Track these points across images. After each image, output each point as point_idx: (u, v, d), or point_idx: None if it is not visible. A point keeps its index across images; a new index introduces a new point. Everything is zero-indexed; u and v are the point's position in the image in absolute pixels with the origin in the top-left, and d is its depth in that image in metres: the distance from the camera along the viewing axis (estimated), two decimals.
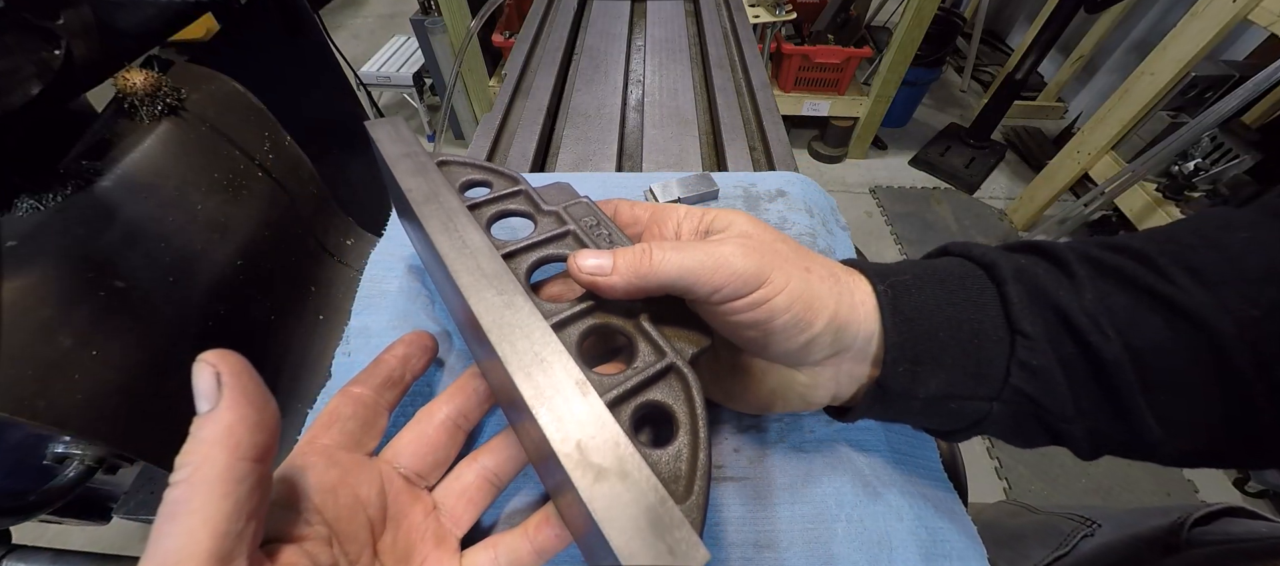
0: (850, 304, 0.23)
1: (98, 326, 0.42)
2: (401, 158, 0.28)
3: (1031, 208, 1.95)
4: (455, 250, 0.23)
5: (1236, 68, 1.59)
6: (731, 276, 0.21)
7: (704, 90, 0.75)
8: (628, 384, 0.21)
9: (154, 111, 0.48)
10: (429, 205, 0.25)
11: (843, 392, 0.25)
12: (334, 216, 0.67)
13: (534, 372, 0.19)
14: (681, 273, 0.21)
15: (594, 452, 0.18)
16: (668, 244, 0.22)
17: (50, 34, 0.39)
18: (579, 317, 0.23)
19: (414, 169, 0.27)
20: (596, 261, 0.22)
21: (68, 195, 0.42)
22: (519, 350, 0.20)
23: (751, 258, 0.21)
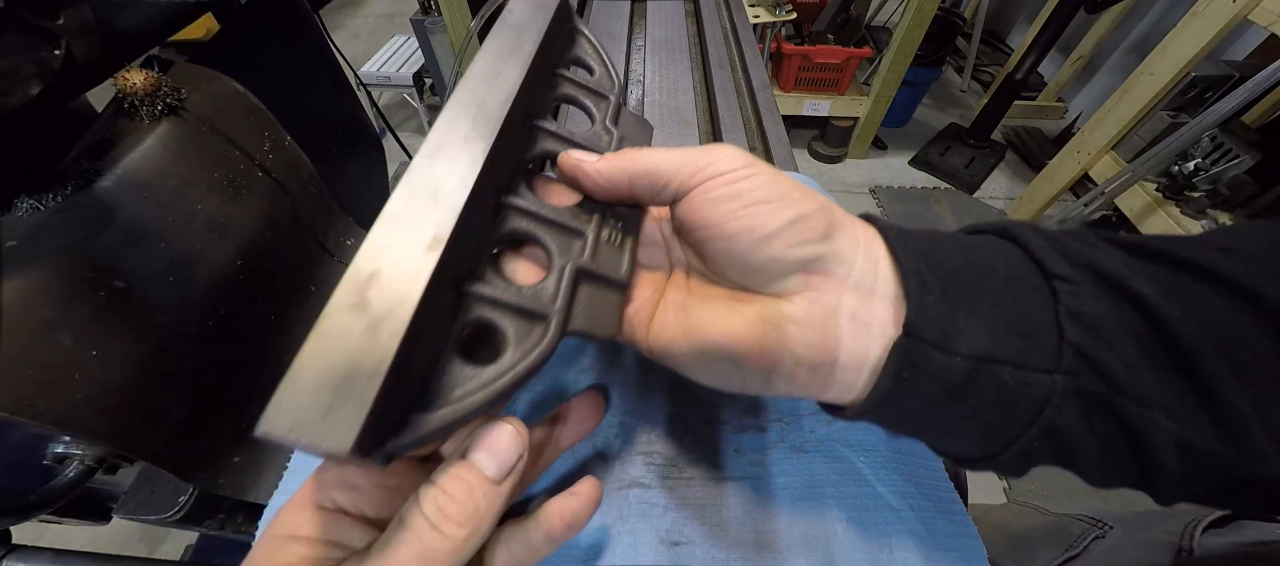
0: (838, 216, 0.20)
1: (98, 326, 0.42)
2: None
3: (1031, 208, 1.95)
4: (480, 76, 0.22)
5: (1236, 68, 1.59)
6: (716, 161, 0.20)
7: (704, 90, 0.75)
8: (490, 290, 0.19)
9: (154, 111, 0.48)
10: (508, 32, 0.24)
11: (848, 351, 0.19)
12: (334, 216, 0.67)
13: (418, 198, 0.17)
14: (668, 164, 0.21)
15: (378, 290, 0.15)
16: (656, 148, 0.22)
17: (50, 34, 0.39)
18: (519, 212, 0.22)
19: (534, 4, 0.26)
20: (579, 156, 0.22)
21: (68, 195, 0.42)
22: (426, 173, 0.18)
23: (739, 155, 0.21)
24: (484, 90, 0.21)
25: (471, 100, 0.20)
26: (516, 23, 0.24)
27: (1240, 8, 1.26)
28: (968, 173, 2.20)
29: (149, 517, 0.51)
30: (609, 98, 0.27)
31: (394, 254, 0.16)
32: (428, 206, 0.17)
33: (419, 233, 0.17)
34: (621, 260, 0.23)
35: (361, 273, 0.15)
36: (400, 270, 0.16)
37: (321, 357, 0.14)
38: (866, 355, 0.19)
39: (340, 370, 0.14)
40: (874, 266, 0.19)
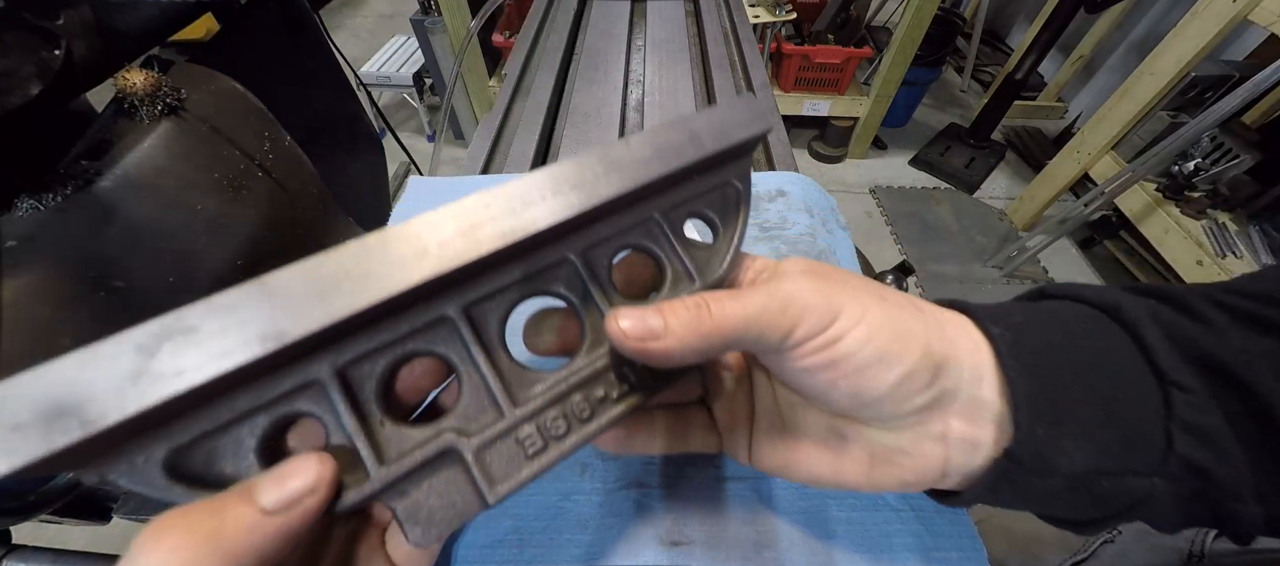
0: (945, 337, 0.19)
1: (97, 326, 0.42)
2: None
3: (1031, 208, 1.95)
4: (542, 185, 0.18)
5: (1236, 68, 1.59)
6: (802, 313, 0.18)
7: (704, 90, 0.75)
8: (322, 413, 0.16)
9: (154, 111, 0.48)
10: (667, 138, 0.20)
11: (955, 467, 0.19)
12: (334, 216, 0.67)
13: (313, 284, 0.15)
14: (747, 321, 0.18)
15: (171, 354, 0.13)
16: (722, 293, 0.19)
17: (50, 34, 0.39)
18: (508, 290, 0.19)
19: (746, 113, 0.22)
20: (639, 322, 0.18)
21: (68, 195, 0.42)
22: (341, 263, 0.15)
23: (820, 290, 0.18)
24: (520, 202, 0.17)
25: (500, 208, 0.17)
26: (681, 136, 0.20)
27: (1240, 8, 1.26)
28: (968, 172, 2.20)
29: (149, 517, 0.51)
30: (695, 281, 0.22)
31: (229, 336, 0.13)
32: (311, 300, 0.14)
33: (255, 327, 0.14)
34: (536, 459, 0.19)
35: (186, 317, 0.13)
36: (208, 354, 0.13)
37: (66, 370, 0.12)
38: (969, 466, 0.19)
39: (62, 398, 0.12)
40: (979, 383, 0.18)
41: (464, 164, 0.62)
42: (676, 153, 0.20)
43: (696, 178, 0.22)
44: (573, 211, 0.18)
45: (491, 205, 0.17)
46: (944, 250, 1.95)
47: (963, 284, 1.83)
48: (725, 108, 0.21)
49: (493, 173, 0.61)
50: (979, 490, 0.19)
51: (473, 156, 0.63)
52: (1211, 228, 1.48)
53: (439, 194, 0.52)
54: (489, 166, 0.62)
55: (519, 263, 0.19)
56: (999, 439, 0.18)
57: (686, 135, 0.20)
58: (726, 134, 0.21)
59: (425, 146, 2.33)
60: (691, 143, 0.20)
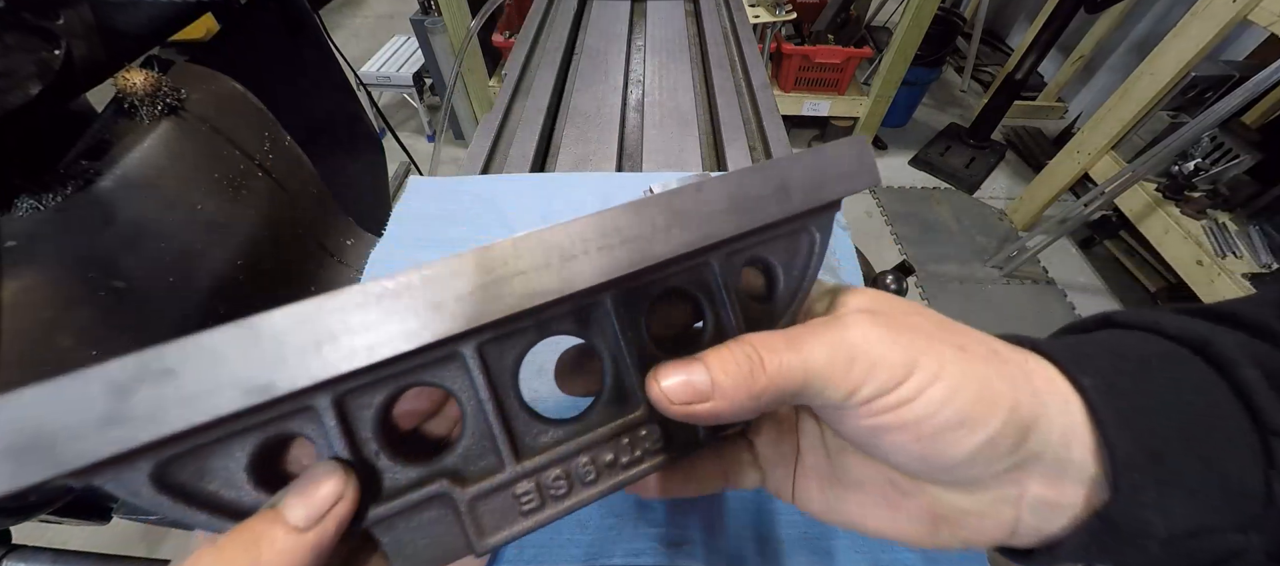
0: (1031, 392, 0.16)
1: (98, 326, 0.42)
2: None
3: (1031, 207, 1.95)
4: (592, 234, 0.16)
5: (1236, 68, 1.59)
6: (872, 368, 0.16)
7: (704, 90, 0.75)
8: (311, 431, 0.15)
9: (154, 111, 0.48)
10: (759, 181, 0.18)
11: (1027, 528, 0.17)
12: (334, 216, 0.67)
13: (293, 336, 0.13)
14: (806, 376, 0.16)
15: (144, 395, 0.12)
16: (776, 338, 0.16)
17: (50, 34, 0.39)
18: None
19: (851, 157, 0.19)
20: (684, 384, 0.16)
21: (68, 195, 0.42)
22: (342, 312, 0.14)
23: (893, 340, 0.16)
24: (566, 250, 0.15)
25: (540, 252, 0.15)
26: (766, 182, 0.17)
27: (1240, 8, 1.26)
28: (968, 172, 2.20)
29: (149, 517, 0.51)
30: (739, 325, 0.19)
31: (207, 381, 0.12)
32: (305, 352, 0.13)
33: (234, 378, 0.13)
34: (528, 518, 0.17)
35: (165, 358, 0.12)
36: (186, 401, 0.12)
37: (36, 406, 0.12)
38: (1045, 528, 0.17)
39: (41, 427, 0.11)
40: (1069, 444, 0.16)
41: (464, 164, 0.62)
42: (756, 207, 0.17)
43: (772, 228, 0.19)
44: (620, 271, 0.15)
45: (524, 254, 0.15)
46: (944, 250, 1.95)
47: (963, 284, 1.83)
48: (824, 155, 0.18)
49: (493, 172, 0.61)
50: (1063, 553, 0.17)
51: (473, 156, 0.63)
52: (1211, 228, 1.48)
53: (439, 194, 0.52)
54: (489, 166, 0.62)
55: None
56: (1089, 500, 0.17)
57: (773, 186, 0.17)
58: (822, 188, 0.18)
59: (425, 146, 2.33)
60: (777, 197, 0.17)
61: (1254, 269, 1.37)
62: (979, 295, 1.80)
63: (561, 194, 0.52)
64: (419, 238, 0.48)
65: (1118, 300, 1.78)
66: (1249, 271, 1.36)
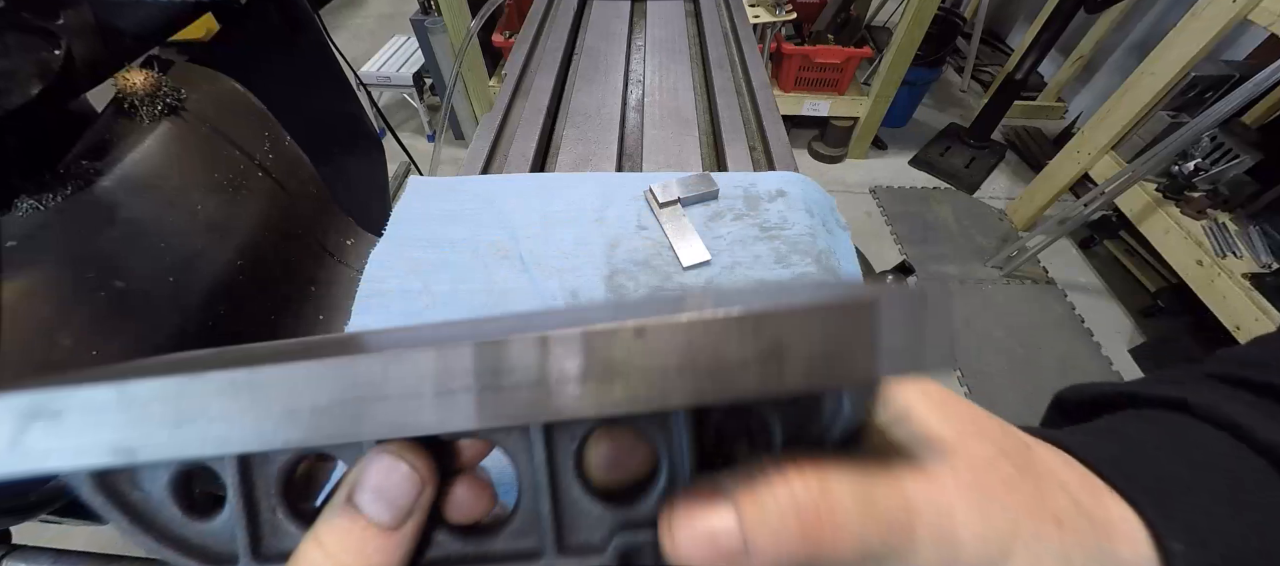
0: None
1: (98, 326, 0.42)
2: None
3: (1031, 208, 1.95)
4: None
5: (1236, 68, 1.59)
6: (954, 549, 0.12)
7: (704, 90, 0.75)
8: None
9: (154, 111, 0.48)
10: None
11: None
12: (334, 216, 0.67)
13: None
14: (863, 543, 0.12)
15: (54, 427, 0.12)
16: (841, 480, 0.12)
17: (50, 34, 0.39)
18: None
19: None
20: (712, 526, 0.12)
21: (68, 195, 0.42)
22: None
23: (982, 511, 0.13)
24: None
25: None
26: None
27: (1240, 8, 1.26)
28: (968, 173, 2.20)
29: None
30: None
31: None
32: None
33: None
34: None
35: (56, 401, 0.12)
36: (67, 448, 0.12)
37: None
38: None
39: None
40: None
41: (464, 164, 0.62)
42: (725, 377, 0.11)
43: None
44: (506, 423, 0.12)
45: (393, 380, 0.12)
46: (944, 250, 1.95)
47: (963, 284, 1.83)
48: (855, 305, 0.11)
49: (493, 172, 0.61)
50: None
51: (473, 156, 0.63)
52: (1211, 228, 1.48)
53: (439, 193, 0.52)
54: (489, 166, 0.62)
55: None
56: None
57: (757, 348, 0.11)
58: (842, 360, 0.11)
59: (425, 146, 2.33)
60: (761, 364, 0.11)
61: (1254, 269, 1.37)
62: (979, 295, 1.80)
63: (561, 194, 0.52)
64: (419, 237, 0.48)
65: (1118, 300, 1.78)
66: (1249, 271, 1.36)
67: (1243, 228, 1.48)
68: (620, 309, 0.13)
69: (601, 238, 0.48)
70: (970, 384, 1.55)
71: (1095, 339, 1.67)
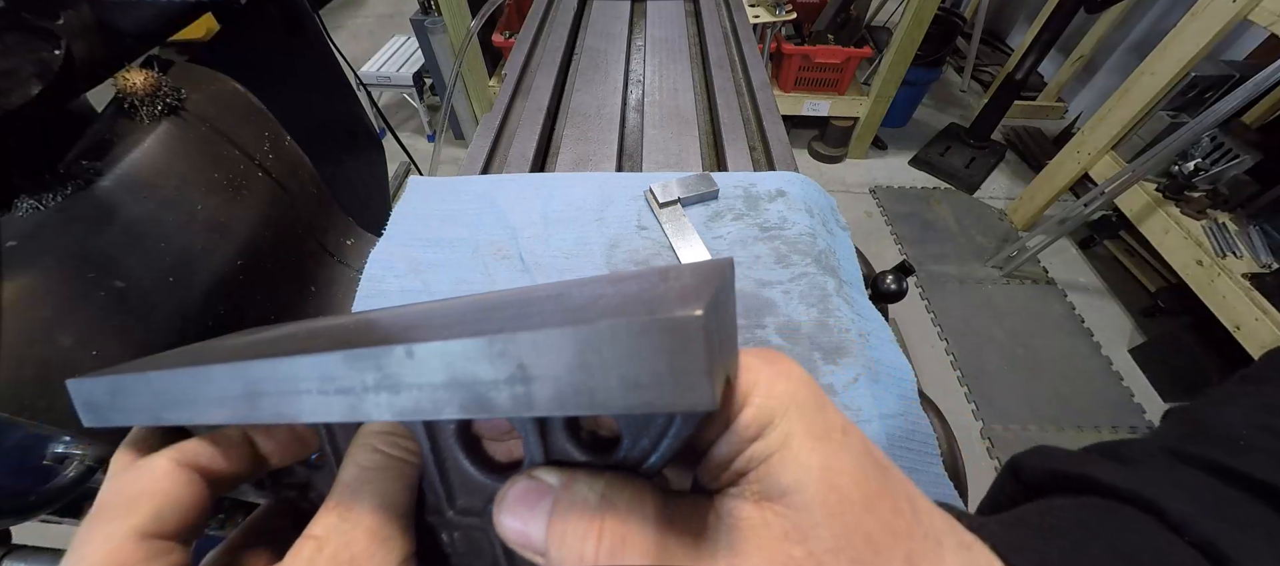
0: None
1: (98, 326, 0.42)
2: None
3: (1031, 208, 1.95)
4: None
5: (1236, 68, 1.58)
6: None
7: (704, 90, 0.75)
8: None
9: (154, 111, 0.48)
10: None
11: None
12: (334, 216, 0.67)
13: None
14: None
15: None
16: (639, 545, 0.12)
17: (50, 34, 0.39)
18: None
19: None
20: (524, 526, 0.14)
21: (68, 195, 0.42)
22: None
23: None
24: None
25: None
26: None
27: (1240, 8, 1.26)
28: (968, 173, 2.20)
29: None
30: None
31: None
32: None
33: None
34: None
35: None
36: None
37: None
38: None
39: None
40: None
41: (464, 164, 0.62)
42: (478, 393, 0.12)
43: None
44: (335, 419, 0.14)
45: (275, 378, 0.15)
46: (944, 250, 1.95)
47: (962, 284, 1.83)
48: (600, 327, 0.11)
49: (493, 172, 0.61)
50: None
51: (473, 156, 0.63)
52: (1211, 228, 1.48)
53: (439, 193, 0.52)
54: (489, 166, 0.62)
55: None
56: None
57: (503, 369, 0.12)
58: (591, 390, 0.11)
59: (425, 146, 2.33)
60: (511, 386, 0.12)
61: (1254, 269, 1.37)
62: (979, 295, 1.80)
63: (561, 193, 0.52)
64: (419, 237, 0.48)
65: (1118, 300, 1.78)
66: (1249, 271, 1.36)
67: (1243, 228, 1.48)
68: (486, 312, 0.14)
69: (601, 237, 0.48)
70: (970, 384, 1.55)
71: (1095, 339, 1.67)
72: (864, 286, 0.50)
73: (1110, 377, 1.59)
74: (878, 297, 0.51)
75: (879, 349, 0.41)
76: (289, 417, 0.15)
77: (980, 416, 1.49)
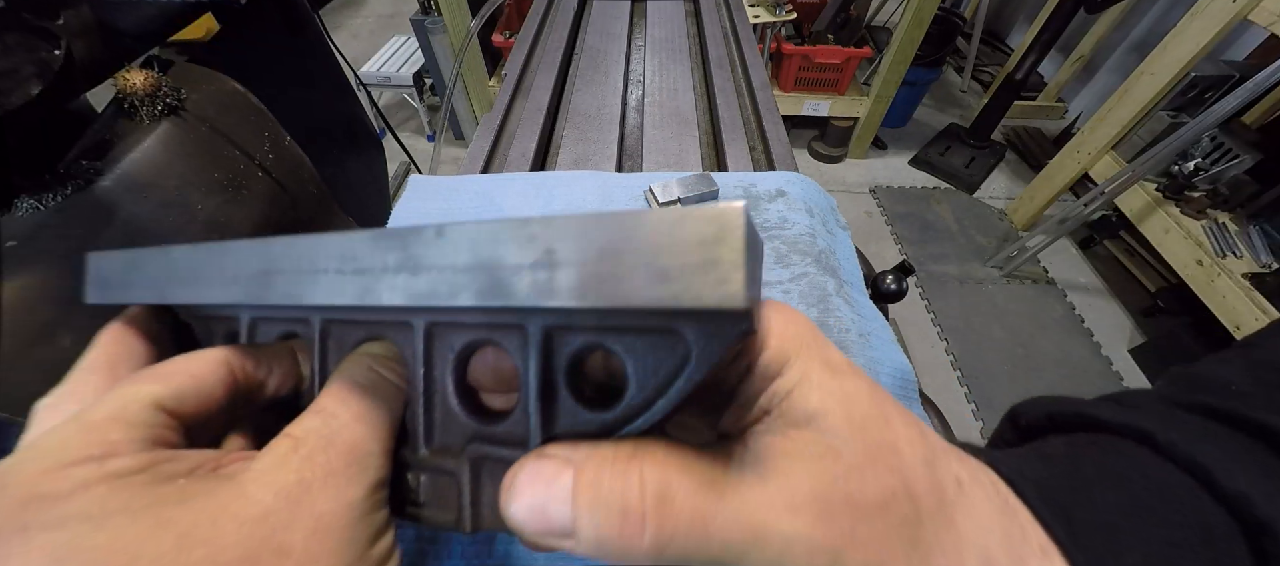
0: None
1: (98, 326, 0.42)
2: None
3: (1031, 208, 1.95)
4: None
5: (1236, 68, 1.59)
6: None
7: (704, 90, 0.75)
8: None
9: (154, 111, 0.48)
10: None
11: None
12: (334, 216, 0.67)
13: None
14: (687, 558, 0.12)
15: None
16: (684, 487, 0.12)
17: (50, 34, 0.39)
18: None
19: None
20: (546, 500, 0.13)
21: (68, 195, 0.42)
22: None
23: (823, 528, 0.12)
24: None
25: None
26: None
27: (1240, 8, 1.26)
28: (968, 173, 2.20)
29: None
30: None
31: None
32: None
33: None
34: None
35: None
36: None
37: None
38: None
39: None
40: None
41: (464, 164, 0.62)
42: (499, 281, 0.12)
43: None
44: (346, 301, 0.15)
45: (286, 256, 0.16)
46: (944, 250, 1.95)
47: (962, 284, 1.83)
48: (632, 220, 0.11)
49: (493, 172, 0.61)
50: None
51: (473, 156, 0.63)
52: (1211, 228, 1.48)
53: (439, 193, 0.52)
54: (489, 166, 0.62)
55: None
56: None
57: (534, 252, 0.12)
58: (616, 279, 0.11)
59: (425, 146, 2.33)
60: (534, 271, 0.12)
61: (1254, 269, 1.37)
62: (979, 295, 1.80)
63: (561, 193, 0.52)
64: None
65: (1118, 300, 1.78)
66: (1249, 271, 1.36)
67: (1243, 228, 1.48)
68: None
69: None
70: (970, 384, 1.55)
71: (1095, 339, 1.67)
72: (864, 286, 0.50)
73: (1110, 378, 1.59)
74: (878, 297, 0.51)
75: (879, 349, 0.41)
76: (298, 298, 0.15)
77: (980, 416, 1.49)
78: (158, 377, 0.16)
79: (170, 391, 0.15)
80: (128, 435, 0.13)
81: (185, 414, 0.15)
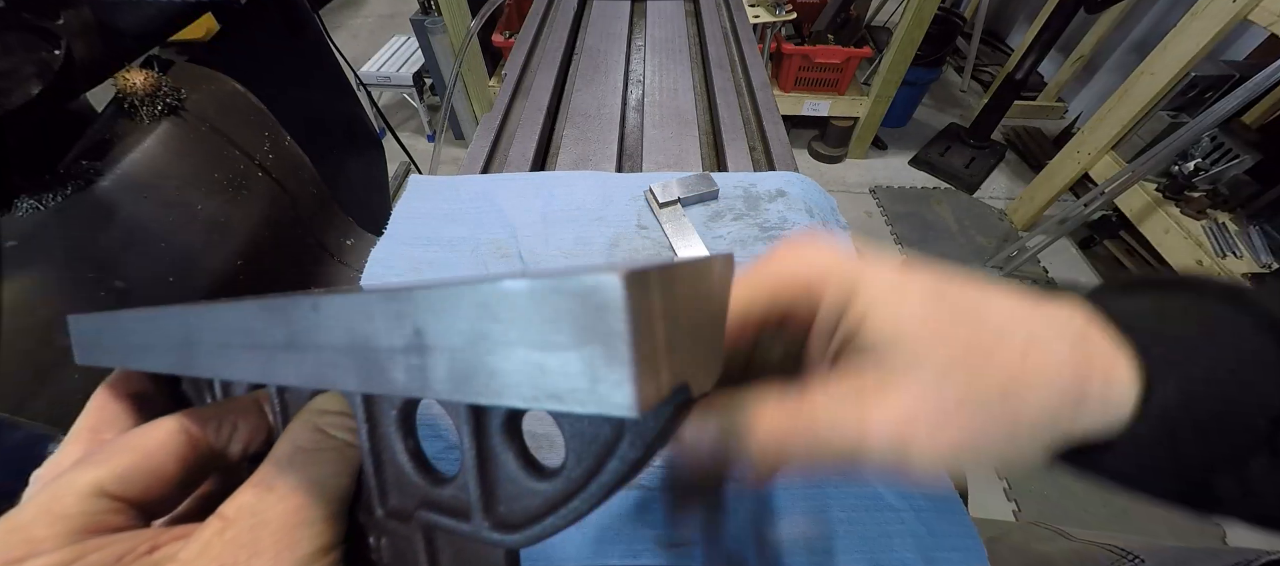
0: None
1: None
2: None
3: (1031, 208, 1.95)
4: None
5: (1236, 68, 1.58)
6: (902, 468, 0.15)
7: (704, 90, 0.75)
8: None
9: (154, 111, 0.48)
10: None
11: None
12: (334, 216, 0.67)
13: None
14: (819, 459, 0.15)
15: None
16: (817, 401, 0.16)
17: (50, 34, 0.39)
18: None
19: None
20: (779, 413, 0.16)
21: (68, 195, 0.42)
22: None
23: (933, 436, 0.15)
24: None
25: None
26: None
27: (1240, 8, 1.26)
28: (968, 173, 2.20)
29: None
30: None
31: None
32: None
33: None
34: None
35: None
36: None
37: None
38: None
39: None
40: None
41: (464, 164, 0.62)
42: (376, 364, 0.10)
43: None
44: (252, 380, 0.15)
45: (207, 327, 0.15)
46: (944, 250, 1.95)
47: None
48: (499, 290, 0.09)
49: (493, 172, 0.61)
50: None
51: (473, 156, 0.63)
52: (1211, 228, 1.48)
53: (439, 192, 0.52)
54: (489, 166, 0.62)
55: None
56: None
57: (402, 335, 0.10)
58: (471, 373, 0.09)
59: (425, 146, 2.33)
60: (407, 356, 0.10)
61: (1254, 268, 1.37)
62: None
63: (561, 193, 0.52)
64: (419, 236, 0.48)
65: None
66: (1249, 271, 1.36)
67: (1243, 228, 1.48)
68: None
69: (602, 237, 0.48)
70: None
71: None
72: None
73: None
74: None
75: None
76: (219, 373, 0.15)
77: None
78: (101, 461, 0.15)
79: (113, 474, 0.15)
80: (52, 530, 0.13)
81: (132, 495, 0.15)
